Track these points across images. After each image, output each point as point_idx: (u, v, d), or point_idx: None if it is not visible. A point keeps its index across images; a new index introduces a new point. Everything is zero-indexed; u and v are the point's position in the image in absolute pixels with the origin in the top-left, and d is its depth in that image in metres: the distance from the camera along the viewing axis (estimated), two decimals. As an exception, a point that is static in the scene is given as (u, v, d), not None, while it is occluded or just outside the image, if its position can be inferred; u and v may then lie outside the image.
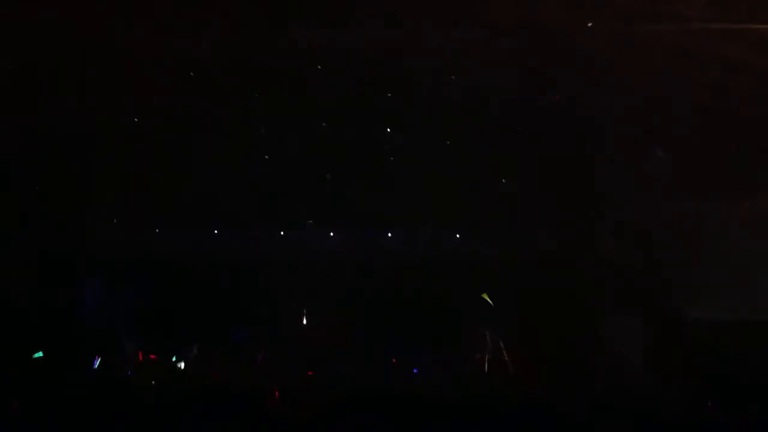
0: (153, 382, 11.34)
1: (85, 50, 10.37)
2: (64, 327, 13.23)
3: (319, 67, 11.05)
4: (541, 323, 13.35)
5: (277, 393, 9.45)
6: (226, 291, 14.33)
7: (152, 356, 12.98)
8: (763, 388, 9.88)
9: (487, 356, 13.59)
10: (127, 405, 9.08)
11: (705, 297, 12.58)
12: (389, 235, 14.73)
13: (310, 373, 12.44)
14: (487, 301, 13.39)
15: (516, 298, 13.74)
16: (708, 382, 10.78)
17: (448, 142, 13.10)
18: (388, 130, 13.15)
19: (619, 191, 13.02)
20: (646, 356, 12.66)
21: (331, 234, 14.88)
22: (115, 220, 14.44)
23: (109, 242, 14.25)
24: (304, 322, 14.46)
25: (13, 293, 12.92)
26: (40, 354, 12.25)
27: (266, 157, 13.62)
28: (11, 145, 12.12)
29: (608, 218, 13.71)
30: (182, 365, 12.99)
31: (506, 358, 13.43)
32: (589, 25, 9.54)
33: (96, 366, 12.42)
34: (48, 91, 11.14)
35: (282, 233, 14.91)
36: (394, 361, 12.77)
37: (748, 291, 12.24)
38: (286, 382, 11.59)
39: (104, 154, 12.85)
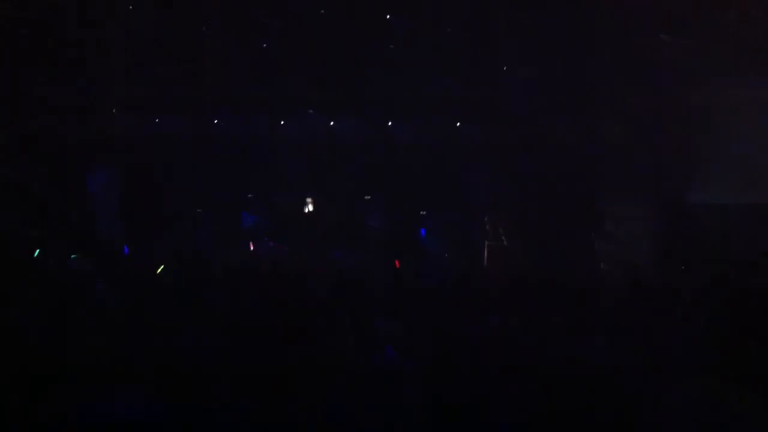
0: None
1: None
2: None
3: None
4: (541, 206, 13.44)
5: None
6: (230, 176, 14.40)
7: None
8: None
9: (486, 242, 13.74)
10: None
11: (711, 181, 12.66)
12: (389, 123, 14.65)
13: None
14: None
15: (517, 182, 13.81)
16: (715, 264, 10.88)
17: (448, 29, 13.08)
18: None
19: (622, 77, 12.96)
20: (651, 240, 12.79)
21: (332, 123, 14.80)
22: (114, 110, 14.39)
23: (113, 129, 14.22)
24: (309, 208, 14.58)
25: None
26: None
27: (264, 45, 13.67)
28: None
29: (611, 105, 13.65)
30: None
31: (505, 243, 13.58)
32: None
33: None
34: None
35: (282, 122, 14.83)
36: (397, 264, 12.86)
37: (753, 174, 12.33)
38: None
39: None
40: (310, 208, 14.49)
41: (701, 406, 4.87)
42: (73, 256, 11.17)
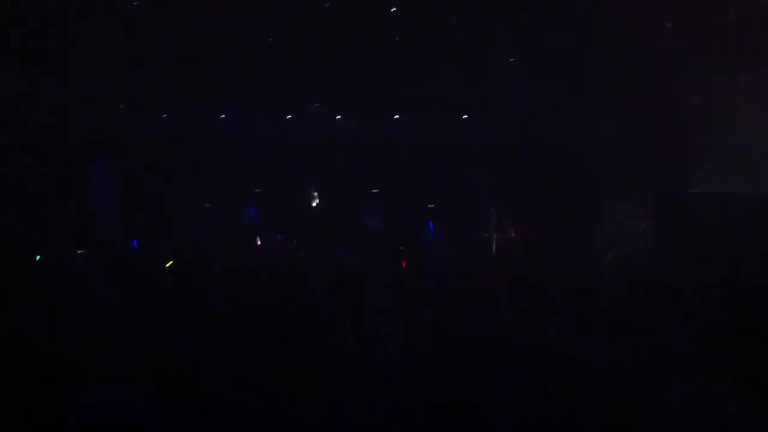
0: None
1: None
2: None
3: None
4: (541, 206, 13.44)
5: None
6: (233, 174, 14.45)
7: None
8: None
9: (493, 234, 13.72)
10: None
11: (711, 181, 12.68)
12: (396, 117, 14.65)
13: None
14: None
15: (520, 180, 13.82)
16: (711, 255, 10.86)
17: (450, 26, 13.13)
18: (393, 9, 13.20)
19: (620, 71, 12.99)
20: (649, 232, 12.76)
21: (338, 117, 14.80)
22: (122, 105, 14.43)
23: (118, 125, 14.25)
24: (315, 203, 14.58)
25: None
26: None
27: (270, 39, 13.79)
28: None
29: (610, 100, 13.66)
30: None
31: (512, 235, 13.56)
32: None
33: None
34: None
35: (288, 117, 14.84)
36: (403, 265, 12.85)
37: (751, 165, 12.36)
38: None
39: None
40: (315, 203, 14.47)
41: (701, 406, 4.87)
42: (79, 251, 11.21)
